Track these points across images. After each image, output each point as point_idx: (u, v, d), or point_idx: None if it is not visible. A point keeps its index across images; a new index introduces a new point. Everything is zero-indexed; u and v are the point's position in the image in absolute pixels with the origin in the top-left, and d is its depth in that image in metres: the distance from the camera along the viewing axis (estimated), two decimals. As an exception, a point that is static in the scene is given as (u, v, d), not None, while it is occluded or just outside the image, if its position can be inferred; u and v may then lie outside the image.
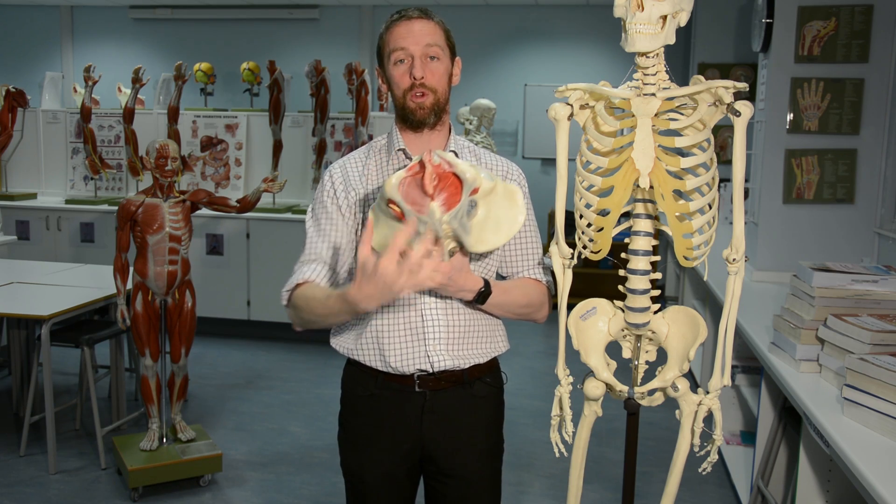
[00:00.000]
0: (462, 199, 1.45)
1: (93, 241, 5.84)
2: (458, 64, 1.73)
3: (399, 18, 1.65)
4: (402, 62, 1.64)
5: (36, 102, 6.45)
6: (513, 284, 1.74)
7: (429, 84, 1.64)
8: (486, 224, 1.53)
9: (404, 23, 1.64)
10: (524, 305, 1.73)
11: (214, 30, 8.19)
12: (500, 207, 1.55)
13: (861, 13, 3.39)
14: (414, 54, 1.62)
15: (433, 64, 1.64)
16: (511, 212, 1.57)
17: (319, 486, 3.40)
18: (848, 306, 2.33)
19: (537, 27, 7.63)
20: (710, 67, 6.34)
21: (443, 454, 1.75)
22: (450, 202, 1.45)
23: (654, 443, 3.77)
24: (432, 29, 1.65)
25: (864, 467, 1.72)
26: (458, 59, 1.73)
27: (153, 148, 3.26)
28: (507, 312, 1.73)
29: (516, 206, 1.57)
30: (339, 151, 5.74)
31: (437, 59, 1.64)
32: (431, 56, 1.64)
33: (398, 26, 1.64)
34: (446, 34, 1.68)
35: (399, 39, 1.63)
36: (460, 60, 1.74)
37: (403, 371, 1.68)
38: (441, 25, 1.68)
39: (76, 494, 3.29)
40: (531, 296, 1.75)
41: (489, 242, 1.54)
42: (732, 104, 1.43)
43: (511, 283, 1.75)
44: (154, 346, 3.36)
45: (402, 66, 1.64)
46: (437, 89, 1.65)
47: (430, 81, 1.64)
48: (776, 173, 3.56)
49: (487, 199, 1.52)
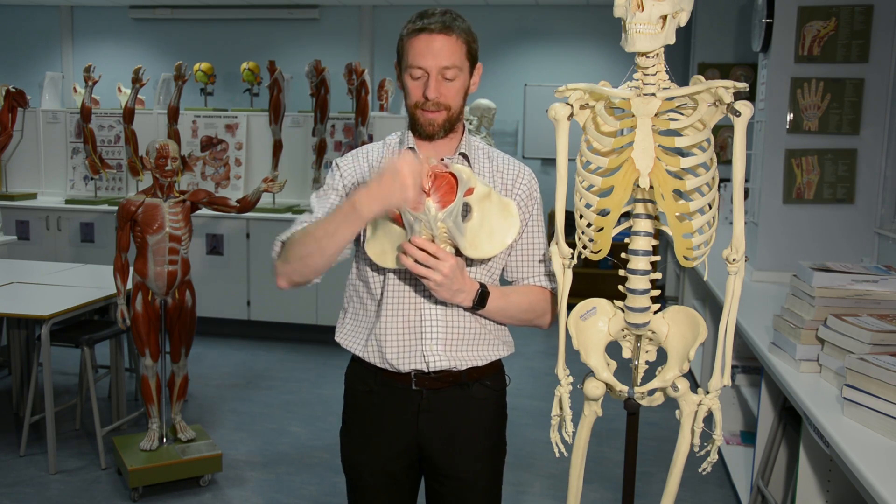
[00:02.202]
0: (457, 198, 1.48)
1: (93, 241, 5.84)
2: (479, 71, 1.69)
3: (421, 30, 1.59)
4: (417, 78, 1.62)
5: (36, 102, 6.44)
6: (514, 289, 1.73)
7: (443, 102, 1.63)
8: (480, 230, 1.56)
9: (425, 37, 1.58)
10: (526, 311, 1.72)
11: (214, 30, 8.19)
12: (494, 217, 1.59)
13: (861, 13, 3.39)
14: (430, 72, 1.60)
15: (448, 84, 1.62)
16: (505, 223, 1.60)
17: (319, 486, 3.40)
18: (848, 306, 2.32)
19: (537, 27, 7.63)
20: (710, 67, 6.34)
21: (439, 454, 1.75)
22: (445, 200, 1.49)
23: (654, 443, 3.77)
24: (452, 46, 1.59)
25: (864, 467, 1.72)
26: (479, 65, 1.69)
27: (153, 148, 3.26)
28: (510, 318, 1.72)
29: (510, 218, 1.60)
30: (339, 151, 5.74)
31: (452, 80, 1.62)
32: (447, 77, 1.61)
33: (418, 40, 1.59)
34: (468, 46, 1.63)
35: (418, 57, 1.59)
36: (481, 66, 1.70)
37: (400, 369, 1.69)
38: (463, 37, 1.61)
39: (76, 494, 3.29)
40: (534, 301, 1.73)
41: (483, 250, 1.57)
42: (732, 104, 1.43)
43: (512, 288, 1.74)
44: (154, 346, 3.36)
45: (417, 82, 1.62)
46: (451, 106, 1.64)
47: (445, 99, 1.63)
48: (776, 173, 3.56)
49: (482, 205, 1.55)
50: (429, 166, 1.47)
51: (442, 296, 1.58)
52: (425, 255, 1.50)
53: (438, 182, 1.48)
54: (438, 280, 1.52)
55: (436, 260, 1.50)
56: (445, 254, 1.52)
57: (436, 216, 1.47)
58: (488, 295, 1.63)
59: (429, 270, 1.51)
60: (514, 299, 1.71)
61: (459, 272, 1.56)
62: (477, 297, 1.62)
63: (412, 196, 1.43)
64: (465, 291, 1.60)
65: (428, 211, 1.46)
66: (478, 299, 1.62)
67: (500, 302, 1.67)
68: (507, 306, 1.69)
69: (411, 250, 1.50)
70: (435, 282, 1.53)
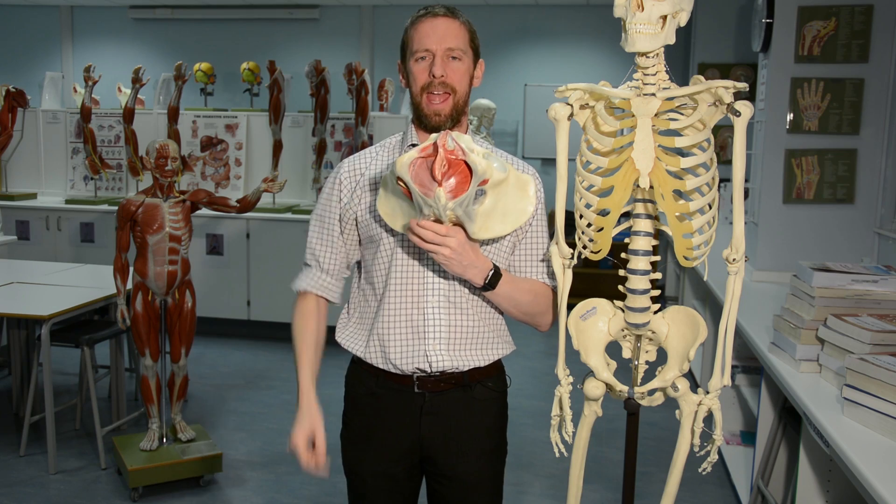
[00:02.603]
0: (470, 189, 1.44)
1: (93, 241, 5.84)
2: (482, 66, 1.71)
3: (425, 15, 1.63)
4: (423, 59, 1.63)
5: (36, 102, 6.45)
6: (522, 279, 1.73)
7: (449, 82, 1.62)
8: (492, 213, 1.53)
9: (429, 20, 1.62)
10: (531, 302, 1.70)
11: (214, 30, 8.19)
12: (510, 197, 1.55)
13: (861, 13, 3.39)
14: (436, 53, 1.61)
15: (454, 63, 1.62)
16: (521, 203, 1.56)
17: (319, 486, 3.40)
18: (848, 306, 2.32)
19: (537, 27, 7.63)
20: (710, 67, 6.34)
21: (442, 456, 1.74)
22: (458, 190, 1.44)
23: (654, 443, 3.77)
24: (457, 30, 1.63)
25: (864, 467, 1.72)
26: (481, 61, 1.71)
27: (153, 148, 3.26)
28: (514, 307, 1.70)
29: (527, 196, 1.57)
30: (339, 151, 5.74)
31: (458, 59, 1.63)
32: (453, 56, 1.62)
33: (423, 23, 1.63)
34: (471, 35, 1.66)
35: (423, 38, 1.62)
36: (483, 63, 1.71)
37: (403, 369, 1.69)
38: (467, 26, 1.65)
39: (76, 494, 3.29)
40: (538, 294, 1.72)
41: (493, 230, 1.54)
42: (732, 104, 1.43)
43: (520, 278, 1.73)
44: (154, 346, 3.36)
45: (422, 63, 1.63)
46: (458, 89, 1.64)
47: (451, 80, 1.62)
48: (776, 173, 3.56)
49: (497, 189, 1.51)
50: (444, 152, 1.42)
51: (454, 270, 1.56)
52: (433, 234, 1.49)
53: (453, 170, 1.43)
54: (447, 254, 1.51)
55: (443, 237, 1.49)
56: (454, 230, 1.50)
57: (445, 205, 1.44)
58: (500, 276, 1.61)
59: (436, 246, 1.50)
60: (522, 286, 1.70)
61: (469, 247, 1.54)
62: (489, 277, 1.59)
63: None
64: (478, 267, 1.57)
65: (438, 199, 1.42)
66: (490, 278, 1.60)
67: (510, 286, 1.65)
68: (515, 291, 1.66)
69: (418, 230, 1.49)
70: (444, 256, 1.52)
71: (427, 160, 1.43)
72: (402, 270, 1.67)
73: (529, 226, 1.73)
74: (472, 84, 1.69)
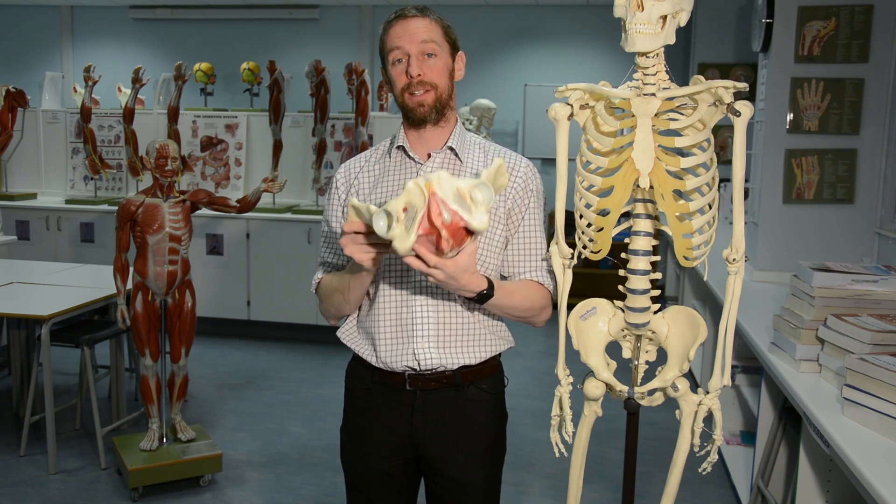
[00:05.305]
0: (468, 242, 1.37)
1: (93, 241, 5.84)
2: (462, 58, 1.72)
3: (395, 18, 1.65)
4: (399, 62, 1.64)
5: (36, 102, 6.45)
6: (516, 287, 1.69)
7: (428, 80, 1.63)
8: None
9: (400, 22, 1.64)
10: (526, 309, 1.69)
11: (214, 30, 8.19)
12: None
13: (861, 13, 3.39)
14: (410, 52, 1.62)
15: (430, 61, 1.64)
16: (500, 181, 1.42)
17: (319, 486, 3.40)
18: (848, 306, 2.32)
19: (537, 27, 7.63)
20: (710, 67, 6.34)
21: (434, 455, 1.74)
22: (457, 246, 1.37)
23: (654, 443, 3.77)
24: (428, 26, 1.64)
25: (864, 467, 1.72)
26: (460, 53, 1.72)
27: (153, 148, 3.26)
28: (507, 314, 1.70)
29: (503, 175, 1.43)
30: (339, 151, 5.74)
31: (434, 55, 1.64)
32: (428, 53, 1.63)
33: (395, 26, 1.65)
34: (445, 30, 1.67)
35: (395, 39, 1.64)
36: (464, 55, 1.73)
37: (393, 367, 1.69)
38: (439, 22, 1.67)
39: (76, 494, 3.29)
40: (533, 299, 1.70)
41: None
42: (732, 104, 1.43)
43: (515, 286, 1.69)
44: (154, 346, 3.36)
45: (399, 66, 1.65)
46: (438, 85, 1.65)
47: (430, 77, 1.64)
48: (776, 173, 3.56)
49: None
50: (447, 231, 1.32)
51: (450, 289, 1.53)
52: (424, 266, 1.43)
53: (456, 239, 1.34)
54: (441, 279, 1.50)
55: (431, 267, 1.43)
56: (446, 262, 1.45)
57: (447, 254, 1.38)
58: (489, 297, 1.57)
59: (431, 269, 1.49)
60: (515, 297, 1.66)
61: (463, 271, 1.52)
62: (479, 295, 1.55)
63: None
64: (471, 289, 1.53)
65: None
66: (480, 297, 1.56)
67: (503, 300, 1.62)
68: (508, 304, 1.65)
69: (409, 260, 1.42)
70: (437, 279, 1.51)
71: (429, 237, 1.34)
72: (392, 269, 1.68)
73: (522, 219, 1.71)
74: (455, 77, 1.70)
